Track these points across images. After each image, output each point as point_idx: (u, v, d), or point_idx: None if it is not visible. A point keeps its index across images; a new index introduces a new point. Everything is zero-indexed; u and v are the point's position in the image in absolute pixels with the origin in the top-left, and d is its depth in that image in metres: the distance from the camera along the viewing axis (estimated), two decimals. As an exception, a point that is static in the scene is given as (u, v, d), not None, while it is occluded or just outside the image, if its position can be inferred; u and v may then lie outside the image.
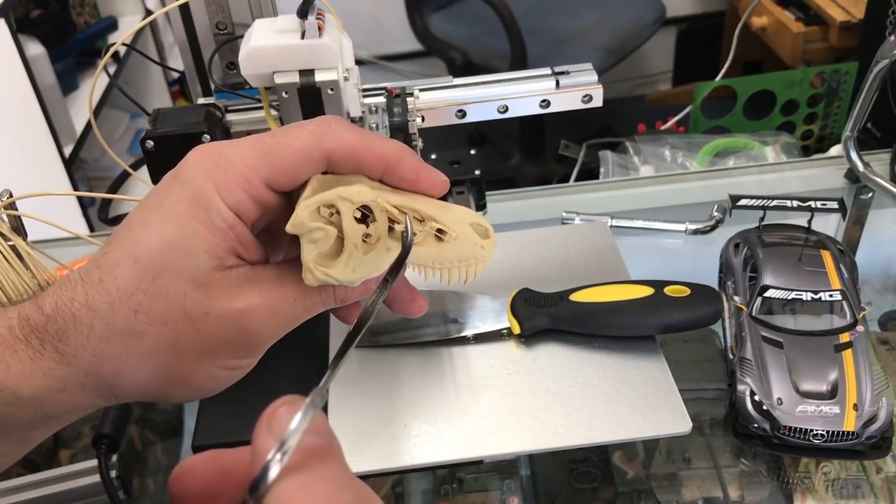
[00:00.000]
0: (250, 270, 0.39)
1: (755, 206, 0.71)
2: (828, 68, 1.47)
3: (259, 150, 0.38)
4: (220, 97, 0.68)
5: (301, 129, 0.39)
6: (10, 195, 0.51)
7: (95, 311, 0.37)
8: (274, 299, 0.39)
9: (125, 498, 0.64)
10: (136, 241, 0.38)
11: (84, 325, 0.37)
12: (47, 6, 1.96)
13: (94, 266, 0.38)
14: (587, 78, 0.68)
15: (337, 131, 0.39)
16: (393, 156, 0.41)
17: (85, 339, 0.37)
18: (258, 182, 0.38)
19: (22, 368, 0.37)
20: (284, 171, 0.39)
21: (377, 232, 0.40)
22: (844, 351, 0.59)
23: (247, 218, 0.39)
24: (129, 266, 0.37)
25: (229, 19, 0.68)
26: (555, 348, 0.56)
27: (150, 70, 2.25)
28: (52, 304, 0.38)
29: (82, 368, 0.38)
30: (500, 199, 0.91)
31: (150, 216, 0.38)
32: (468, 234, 0.44)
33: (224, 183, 0.38)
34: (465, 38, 2.11)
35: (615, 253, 0.64)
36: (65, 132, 1.77)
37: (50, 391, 0.38)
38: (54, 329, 0.37)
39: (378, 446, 0.51)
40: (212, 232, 0.38)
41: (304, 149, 0.39)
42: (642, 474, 0.64)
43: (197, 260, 0.37)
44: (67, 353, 0.37)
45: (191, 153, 0.39)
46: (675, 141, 1.36)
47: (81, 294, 0.38)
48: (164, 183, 0.39)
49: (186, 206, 0.38)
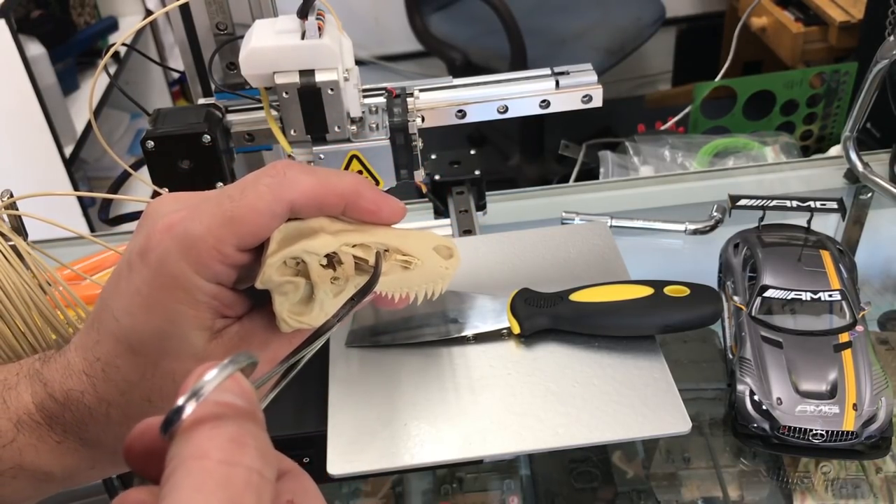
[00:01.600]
0: (241, 327, 0.40)
1: (755, 206, 0.71)
2: (827, 68, 1.47)
3: (221, 219, 0.38)
4: (220, 97, 0.68)
5: (257, 187, 0.38)
6: (11, 195, 0.51)
7: (109, 403, 0.39)
8: (273, 349, 0.41)
9: (125, 498, 0.64)
10: (127, 332, 0.38)
11: (101, 415, 0.39)
12: (47, 6, 1.96)
13: (94, 358, 0.39)
14: (587, 78, 0.68)
15: (293, 179, 0.39)
16: (352, 191, 0.41)
17: (105, 427, 0.39)
18: (229, 251, 0.38)
19: (50, 452, 0.39)
20: (251, 233, 0.38)
21: (345, 273, 0.42)
22: (844, 351, 0.59)
23: (226, 282, 0.39)
24: (128, 357, 0.39)
25: (229, 19, 0.68)
26: (555, 348, 0.56)
27: (150, 70, 2.25)
28: (61, 393, 0.39)
29: (108, 451, 0.40)
30: (500, 199, 0.91)
31: (133, 304, 0.38)
32: (432, 259, 0.45)
33: (198, 261, 0.37)
34: (465, 38, 2.11)
35: (615, 253, 0.64)
36: (65, 132, 1.77)
37: (80, 469, 0.40)
38: (71, 418, 0.39)
39: (378, 446, 0.51)
40: (197, 310, 0.38)
41: (266, 208, 0.38)
42: (642, 474, 0.64)
43: (192, 339, 0.38)
44: (90, 439, 0.39)
45: (153, 230, 0.38)
46: (674, 141, 1.36)
47: (90, 388, 0.39)
48: (134, 263, 0.39)
49: (167, 293, 0.38)
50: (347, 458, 0.50)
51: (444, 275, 0.46)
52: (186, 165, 0.62)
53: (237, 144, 0.67)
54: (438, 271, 0.45)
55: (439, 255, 0.46)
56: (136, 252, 0.39)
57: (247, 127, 0.66)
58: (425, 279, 0.45)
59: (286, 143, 0.62)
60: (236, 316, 0.40)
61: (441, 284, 0.46)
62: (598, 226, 0.68)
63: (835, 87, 1.45)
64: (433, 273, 0.45)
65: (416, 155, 0.64)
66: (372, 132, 0.63)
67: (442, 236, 0.46)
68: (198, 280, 0.38)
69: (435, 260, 0.45)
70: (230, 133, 0.66)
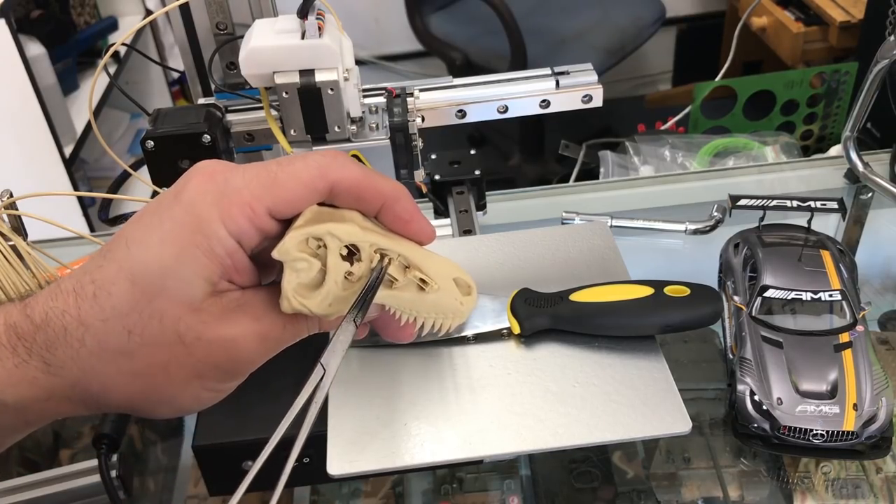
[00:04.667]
0: (241, 296, 0.40)
1: (755, 206, 0.71)
2: (827, 68, 1.47)
3: (265, 179, 0.39)
4: (220, 97, 0.68)
5: (307, 160, 0.40)
6: (11, 195, 0.51)
7: (87, 327, 0.37)
8: (264, 326, 0.40)
9: (125, 498, 0.64)
10: (134, 260, 0.38)
11: (75, 340, 0.37)
12: (47, 6, 1.96)
13: (88, 279, 0.38)
14: (587, 78, 0.68)
15: (342, 164, 0.40)
16: (392, 193, 0.42)
17: (75, 353, 0.37)
18: (261, 211, 0.38)
19: (7, 376, 0.37)
20: (288, 200, 0.39)
21: (360, 271, 0.41)
22: (844, 351, 0.59)
23: (247, 245, 0.39)
24: (125, 285, 0.37)
25: (229, 19, 0.68)
26: (555, 348, 0.56)
27: (150, 70, 2.25)
28: (41, 313, 0.38)
29: (69, 381, 0.38)
30: (500, 199, 0.91)
31: (150, 235, 0.38)
32: (450, 288, 0.45)
33: (228, 211, 0.38)
34: (465, 38, 2.11)
35: (615, 253, 0.64)
36: (65, 132, 1.77)
37: (35, 400, 0.38)
38: (43, 339, 0.37)
39: (378, 446, 0.51)
40: (211, 259, 0.38)
41: (309, 180, 0.39)
42: (642, 474, 0.64)
43: (194, 286, 0.38)
44: (55, 364, 0.37)
45: (195, 174, 0.39)
46: (674, 141, 1.36)
47: (74, 307, 0.37)
48: (165, 200, 0.39)
49: (188, 232, 0.37)
50: (347, 458, 0.50)
51: (456, 310, 0.45)
52: (186, 165, 0.62)
53: (237, 144, 0.67)
54: (452, 305, 0.45)
55: (458, 287, 0.45)
56: (173, 192, 0.39)
57: (247, 127, 0.66)
58: (437, 308, 0.45)
59: (286, 143, 0.62)
60: (242, 286, 0.40)
61: (452, 321, 0.45)
62: (598, 226, 0.68)
63: (835, 87, 1.45)
64: (447, 305, 0.45)
65: (416, 155, 0.64)
66: (372, 132, 0.63)
67: (465, 272, 0.45)
68: (221, 230, 0.38)
69: (452, 291, 0.45)
70: (230, 133, 0.66)
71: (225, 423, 0.54)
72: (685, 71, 2.64)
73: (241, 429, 0.54)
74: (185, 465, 0.70)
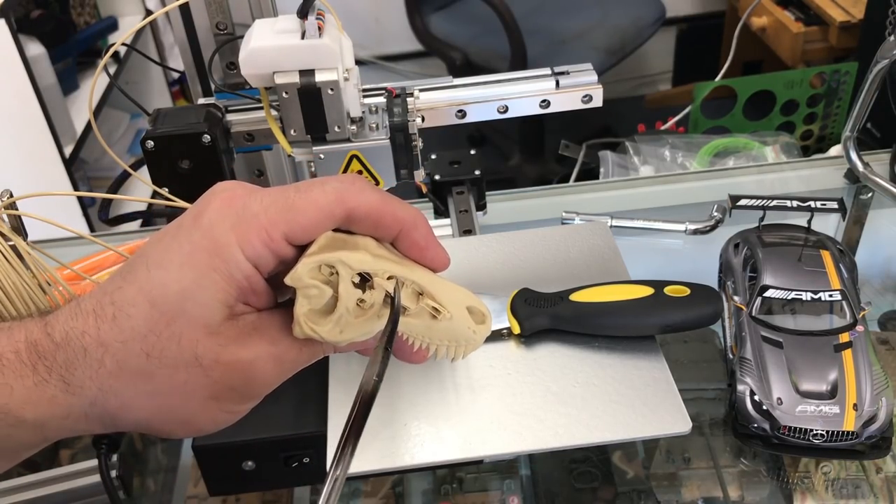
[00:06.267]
0: (258, 318, 0.40)
1: (755, 206, 0.71)
2: (827, 68, 1.47)
3: (283, 205, 0.39)
4: (220, 97, 0.68)
5: (325, 186, 0.40)
6: (11, 195, 0.51)
7: (107, 348, 0.38)
8: (280, 349, 0.40)
9: (125, 498, 0.64)
10: (154, 282, 0.38)
11: (94, 360, 0.38)
12: (47, 6, 1.96)
13: (108, 301, 0.39)
14: (587, 78, 0.68)
15: (360, 189, 0.40)
16: (410, 220, 0.42)
17: (94, 373, 0.38)
18: (278, 236, 0.39)
19: (26, 394, 0.38)
20: (304, 227, 0.39)
21: (372, 299, 0.41)
22: (844, 351, 0.59)
23: (263, 270, 0.39)
24: (145, 307, 0.38)
25: (229, 19, 0.68)
26: (555, 348, 0.56)
27: (150, 70, 2.25)
28: (62, 332, 0.38)
29: (88, 399, 0.38)
30: (500, 199, 0.91)
31: (170, 258, 0.38)
32: (462, 317, 0.44)
33: (246, 236, 0.38)
34: (465, 38, 2.11)
35: (615, 253, 0.64)
36: (65, 132, 1.77)
37: (53, 418, 0.38)
38: (63, 359, 0.38)
39: (378, 446, 0.51)
40: (228, 283, 0.38)
41: (327, 206, 0.39)
42: (642, 474, 0.64)
43: (212, 310, 0.38)
44: (74, 383, 0.38)
45: (214, 197, 0.40)
46: (674, 141, 1.36)
47: (94, 328, 0.38)
48: (185, 225, 0.39)
49: (207, 256, 0.38)
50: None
51: (469, 338, 0.45)
52: (186, 165, 0.62)
53: (237, 144, 0.67)
54: (465, 333, 0.45)
55: (472, 316, 0.45)
56: (192, 214, 0.39)
57: (247, 127, 0.66)
58: (450, 336, 0.44)
59: (286, 142, 0.62)
60: (258, 308, 0.41)
61: (464, 349, 0.45)
62: (598, 226, 0.68)
63: (835, 87, 1.45)
64: (459, 333, 0.44)
65: (416, 155, 0.64)
66: (372, 132, 0.63)
67: (480, 301, 0.45)
68: (238, 254, 0.38)
69: (465, 320, 0.44)
70: (230, 133, 0.66)
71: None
72: (685, 71, 2.64)
73: (241, 429, 0.54)
74: (185, 465, 0.70)
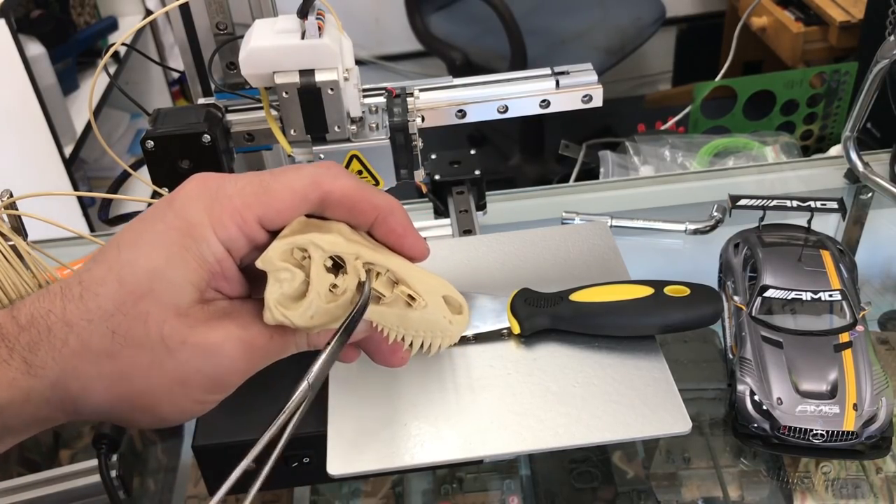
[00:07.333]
0: (229, 305, 0.40)
1: (755, 206, 0.71)
2: (828, 68, 1.47)
3: (257, 188, 0.39)
4: (220, 97, 0.68)
5: (300, 171, 0.40)
6: (11, 195, 0.51)
7: (72, 327, 0.37)
8: (250, 334, 0.40)
9: (125, 498, 0.64)
10: (123, 261, 0.38)
11: (58, 339, 0.37)
12: (47, 6, 1.96)
13: (76, 281, 0.38)
14: (587, 78, 0.68)
15: (335, 174, 0.40)
16: (386, 207, 0.41)
17: (57, 353, 0.37)
18: (252, 219, 0.38)
19: None
20: (278, 210, 0.39)
21: (345, 284, 0.40)
22: (844, 351, 0.59)
23: (236, 253, 0.39)
24: (113, 286, 0.37)
25: (229, 19, 0.68)
26: (555, 348, 0.56)
27: (150, 70, 2.25)
28: (27, 314, 0.38)
29: (49, 382, 0.37)
30: (500, 199, 0.91)
31: (141, 238, 0.38)
32: (438, 306, 0.44)
33: (219, 218, 0.38)
34: (465, 38, 2.11)
35: (615, 253, 0.64)
36: (65, 132, 1.77)
37: (13, 402, 0.37)
38: (26, 340, 0.37)
39: (378, 446, 0.51)
40: (199, 264, 0.38)
41: (301, 189, 0.39)
42: (642, 474, 0.64)
43: (181, 290, 0.38)
44: (35, 364, 0.37)
45: (189, 181, 0.39)
46: (674, 141, 1.36)
47: (59, 307, 0.37)
48: (159, 207, 0.39)
49: (178, 235, 0.38)
50: (347, 459, 0.50)
51: (446, 330, 0.44)
52: (186, 165, 0.62)
53: (237, 144, 0.67)
54: (441, 324, 0.44)
55: (449, 306, 0.44)
56: (167, 197, 0.39)
57: (247, 127, 0.66)
58: (426, 326, 0.44)
59: (286, 143, 0.62)
60: (230, 296, 0.40)
61: (441, 341, 0.44)
62: (598, 226, 0.68)
63: (835, 87, 1.45)
64: (435, 323, 0.44)
65: (416, 155, 0.64)
66: (372, 132, 0.63)
67: (457, 291, 0.45)
68: (211, 235, 0.38)
69: (441, 310, 0.44)
70: (230, 133, 0.66)
71: (225, 424, 0.54)
72: (685, 71, 2.64)
73: (241, 429, 0.54)
74: (185, 465, 0.70)
